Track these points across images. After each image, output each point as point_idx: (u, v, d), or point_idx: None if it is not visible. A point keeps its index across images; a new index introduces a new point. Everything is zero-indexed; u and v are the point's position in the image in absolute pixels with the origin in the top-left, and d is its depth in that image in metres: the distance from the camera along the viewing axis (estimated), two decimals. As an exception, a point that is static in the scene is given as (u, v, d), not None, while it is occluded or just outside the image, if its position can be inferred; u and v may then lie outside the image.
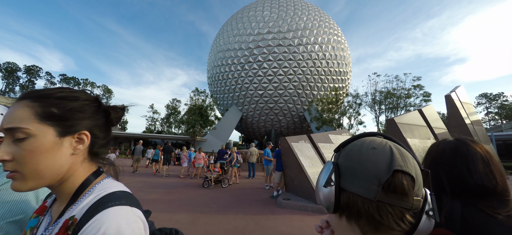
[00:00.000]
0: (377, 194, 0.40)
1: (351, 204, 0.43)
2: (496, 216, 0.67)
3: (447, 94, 13.58)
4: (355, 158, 0.45)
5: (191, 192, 7.94)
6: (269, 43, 32.71)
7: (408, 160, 0.44)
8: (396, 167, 0.41)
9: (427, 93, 24.17)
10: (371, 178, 0.42)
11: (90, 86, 56.68)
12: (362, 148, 0.46)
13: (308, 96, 33.36)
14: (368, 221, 0.42)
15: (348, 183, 0.44)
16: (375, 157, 0.43)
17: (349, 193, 0.44)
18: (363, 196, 0.42)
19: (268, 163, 8.94)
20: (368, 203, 0.41)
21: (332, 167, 0.47)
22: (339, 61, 34.06)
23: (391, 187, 0.41)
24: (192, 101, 32.61)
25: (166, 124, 58.05)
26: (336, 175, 0.46)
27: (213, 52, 39.51)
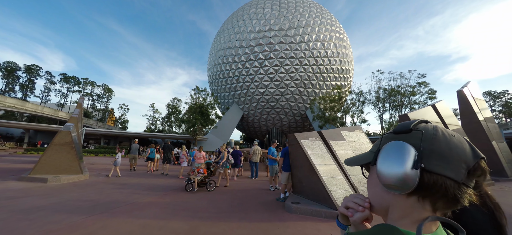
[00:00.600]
0: (464, 177, 0.46)
1: (438, 185, 0.46)
2: None
3: (459, 90, 12.85)
4: (444, 143, 0.48)
5: (188, 194, 7.24)
6: (271, 41, 31.98)
7: None
8: (481, 155, 0.48)
9: (433, 90, 23.39)
10: (461, 162, 0.46)
11: (90, 86, 56.10)
12: (445, 134, 0.49)
13: (310, 95, 32.64)
14: (448, 200, 0.47)
15: (438, 166, 0.46)
16: (460, 144, 0.48)
17: (437, 175, 0.46)
18: (452, 178, 0.46)
19: (273, 163, 8.25)
20: (454, 184, 0.46)
21: (411, 148, 0.49)
22: (341, 59, 33.30)
23: (476, 172, 0.47)
24: (193, 100, 31.92)
25: (166, 123, 57.38)
26: (419, 157, 0.47)
27: (214, 50, 38.78)
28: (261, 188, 8.59)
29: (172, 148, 13.68)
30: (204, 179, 7.81)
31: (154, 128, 63.36)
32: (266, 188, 8.43)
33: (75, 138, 9.91)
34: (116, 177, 10.29)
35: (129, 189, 7.63)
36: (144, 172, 12.52)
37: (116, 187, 7.84)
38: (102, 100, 58.90)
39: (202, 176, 7.77)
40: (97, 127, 43.39)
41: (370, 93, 25.95)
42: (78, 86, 53.74)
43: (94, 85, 56.40)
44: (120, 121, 65.02)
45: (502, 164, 11.51)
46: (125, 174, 11.39)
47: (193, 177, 7.57)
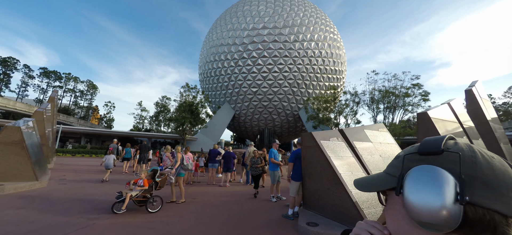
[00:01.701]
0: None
1: (485, 222, 0.36)
2: None
3: (468, 89, 11.86)
4: (487, 168, 0.38)
5: (169, 210, 5.57)
6: (264, 39, 30.55)
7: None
8: None
9: (426, 92, 22.86)
10: (510, 191, 0.37)
11: (73, 81, 52.10)
12: (485, 157, 0.40)
13: (303, 95, 31.48)
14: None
15: (484, 198, 0.37)
16: (505, 169, 0.39)
17: (484, 209, 0.36)
18: (502, 212, 0.36)
19: (274, 168, 6.73)
20: (504, 219, 0.36)
21: (450, 176, 0.38)
22: (335, 60, 32.46)
23: None
24: (182, 97, 29.84)
25: (155, 122, 54.48)
26: (462, 187, 0.37)
27: (205, 48, 36.82)
28: (259, 198, 7.05)
29: (149, 148, 12.09)
30: (146, 194, 5.16)
31: (142, 126, 60.12)
32: (266, 199, 6.90)
33: (31, 136, 7.89)
34: (101, 182, 8.86)
35: (92, 200, 5.82)
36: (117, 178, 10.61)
37: (77, 199, 6.00)
38: (85, 97, 54.94)
39: (141, 191, 5.10)
40: (78, 125, 40.00)
41: (364, 94, 25.14)
42: (60, 82, 49.65)
43: (77, 81, 52.40)
44: (105, 119, 61.22)
45: None
46: (98, 179, 9.45)
47: (125, 192, 5.00)
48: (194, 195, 7.18)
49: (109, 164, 9.71)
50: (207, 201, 6.35)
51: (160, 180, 5.44)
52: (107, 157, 9.85)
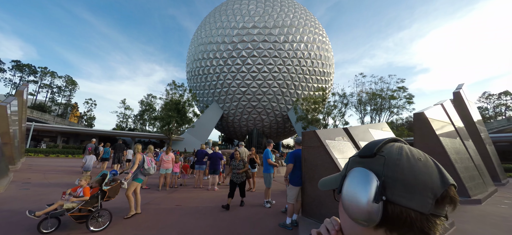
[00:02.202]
0: (431, 207, 0.39)
1: (403, 218, 0.40)
2: None
3: (456, 91, 12.02)
4: (408, 170, 0.42)
5: (145, 217, 4.75)
6: (254, 38, 30.00)
7: None
8: (451, 181, 0.41)
9: (411, 95, 23.43)
10: (428, 192, 0.40)
11: (49, 76, 48.28)
12: (410, 159, 0.43)
13: (292, 96, 31.27)
14: (415, 233, 0.40)
15: (401, 197, 0.40)
16: (426, 170, 0.42)
17: (401, 207, 0.40)
18: (418, 210, 0.39)
19: (270, 170, 6.11)
20: (421, 216, 0.39)
21: (374, 177, 0.42)
22: (324, 62, 32.61)
23: (445, 200, 0.41)
24: (169, 96, 28.47)
25: (139, 121, 52.00)
26: (383, 188, 0.41)
27: (193, 45, 35.58)
28: (251, 203, 6.39)
29: (124, 147, 11.25)
30: (88, 207, 3.83)
31: (125, 125, 57.20)
32: (258, 203, 6.25)
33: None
34: None
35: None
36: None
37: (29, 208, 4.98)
38: (63, 94, 51.10)
39: (79, 203, 3.77)
40: (55, 123, 36.99)
41: (352, 96, 25.33)
42: (34, 76, 45.70)
43: (54, 75, 48.57)
44: (85, 117, 57.59)
45: (496, 169, 10.88)
46: (69, 183, 8.30)
47: (60, 206, 3.73)
48: (178, 200, 6.38)
49: (89, 166, 8.65)
50: (193, 208, 5.58)
51: (109, 189, 4.06)
52: (87, 158, 8.76)
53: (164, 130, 27.24)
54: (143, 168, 4.99)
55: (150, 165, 5.06)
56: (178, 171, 8.47)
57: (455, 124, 8.96)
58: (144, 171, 5.02)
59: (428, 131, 7.33)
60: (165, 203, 6.07)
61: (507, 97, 42.64)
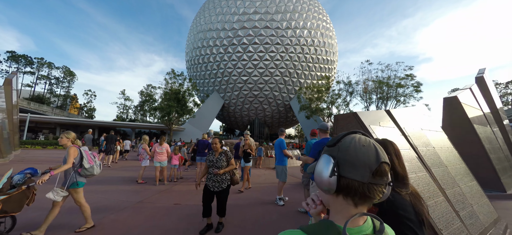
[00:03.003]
0: (369, 178, 0.55)
1: (350, 187, 0.56)
2: (400, 193, 0.99)
3: (479, 76, 10.88)
4: (352, 153, 0.57)
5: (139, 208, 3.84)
6: (256, 25, 28.48)
7: (385, 153, 0.59)
8: (382, 160, 0.56)
9: (418, 83, 22.26)
10: (366, 167, 0.55)
11: (46, 67, 46.75)
12: (356, 146, 0.58)
13: (294, 85, 30.10)
14: (360, 196, 0.56)
15: (348, 172, 0.56)
16: (366, 152, 0.57)
17: (348, 179, 0.56)
18: (359, 180, 0.55)
19: (283, 162, 5.18)
20: (362, 185, 0.55)
21: (332, 160, 0.59)
22: (327, 49, 31.20)
23: (378, 173, 0.56)
24: (168, 85, 27.31)
25: (140, 112, 50.94)
26: (336, 166, 0.57)
27: (192, 33, 34.01)
28: (261, 199, 5.50)
29: (115, 138, 10.69)
30: None
31: (126, 117, 56.24)
32: (269, 201, 5.37)
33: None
34: None
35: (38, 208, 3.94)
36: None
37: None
38: (62, 85, 49.71)
39: None
40: (53, 114, 35.96)
41: (357, 84, 24.17)
42: (31, 67, 44.20)
43: (51, 66, 47.00)
44: (85, 108, 56.50)
45: (519, 158, 10.00)
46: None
47: None
48: (177, 197, 5.49)
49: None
50: (193, 207, 4.69)
51: (4, 198, 2.62)
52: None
53: (164, 120, 26.30)
54: (82, 168, 3.23)
55: (92, 162, 3.33)
56: (177, 163, 7.55)
57: (484, 111, 8.00)
58: (84, 172, 3.25)
59: (460, 117, 6.36)
60: (162, 200, 5.16)
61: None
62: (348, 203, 0.58)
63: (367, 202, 0.58)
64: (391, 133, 2.92)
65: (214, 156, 3.53)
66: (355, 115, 2.74)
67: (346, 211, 0.58)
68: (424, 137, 3.50)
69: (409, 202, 0.99)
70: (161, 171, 6.84)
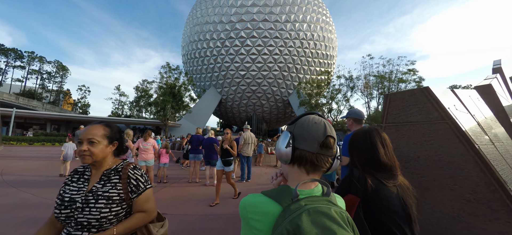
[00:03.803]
0: (317, 149, 0.65)
1: (302, 156, 0.66)
2: (387, 184, 0.95)
3: (496, 67, 10.11)
4: (305, 129, 0.67)
5: None
6: (254, 18, 27.24)
7: (333, 130, 0.69)
8: (328, 134, 0.66)
9: (421, 78, 21.46)
10: (314, 140, 0.65)
11: (37, 61, 44.68)
12: (309, 123, 0.68)
13: (293, 80, 29.07)
14: (311, 165, 0.66)
15: (300, 144, 0.66)
16: (316, 128, 0.66)
17: (301, 150, 0.66)
18: (309, 151, 0.65)
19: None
20: (311, 154, 0.65)
21: (289, 135, 0.69)
22: (327, 44, 30.18)
23: (324, 145, 0.65)
24: (163, 79, 26.02)
25: (135, 107, 49.36)
26: (292, 140, 0.68)
27: (188, 26, 32.58)
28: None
29: None
30: None
31: (121, 112, 54.59)
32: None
33: None
34: (59, 176, 6.87)
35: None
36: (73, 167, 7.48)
37: None
38: (54, 80, 47.69)
39: None
40: (44, 110, 34.28)
41: (359, 79, 23.26)
42: (21, 61, 42.14)
43: (43, 60, 44.93)
44: (79, 104, 54.62)
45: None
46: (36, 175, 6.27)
47: None
48: (166, 203, 4.47)
49: (69, 155, 7.19)
50: (183, 218, 3.68)
51: None
52: (66, 146, 7.25)
53: (159, 116, 25.07)
54: None
55: None
56: (167, 161, 6.49)
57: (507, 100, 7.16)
58: None
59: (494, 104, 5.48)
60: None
61: None
62: (301, 171, 0.67)
63: (316, 170, 0.66)
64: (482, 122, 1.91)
65: None
66: (425, 91, 1.74)
67: (300, 178, 0.67)
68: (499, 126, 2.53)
69: (396, 194, 0.95)
70: (147, 171, 5.78)
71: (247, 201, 0.63)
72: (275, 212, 0.59)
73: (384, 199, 0.92)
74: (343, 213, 0.57)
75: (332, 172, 0.79)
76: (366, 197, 0.92)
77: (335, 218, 0.53)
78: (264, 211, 0.60)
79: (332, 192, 0.67)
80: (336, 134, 0.70)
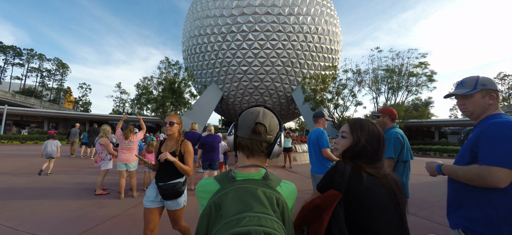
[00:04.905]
0: (249, 134, 0.74)
1: (240, 143, 0.76)
2: (377, 174, 0.90)
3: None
4: (243, 119, 0.77)
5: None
6: (256, 11, 25.75)
7: (266, 118, 0.75)
8: (257, 121, 0.73)
9: (432, 72, 19.97)
10: (247, 128, 0.74)
11: (37, 59, 43.46)
12: (247, 113, 0.78)
13: (297, 75, 27.64)
14: (247, 149, 0.75)
15: (239, 132, 0.76)
16: (251, 117, 0.75)
17: (239, 137, 0.76)
18: (244, 136, 0.75)
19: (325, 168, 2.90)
20: (245, 140, 0.75)
21: (233, 126, 0.79)
22: (331, 38, 28.68)
23: (254, 130, 0.73)
24: (163, 75, 24.71)
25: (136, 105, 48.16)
26: (235, 129, 0.78)
27: (189, 20, 31.15)
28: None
29: (97, 131, 9.08)
30: None
31: (122, 110, 53.44)
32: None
33: None
34: (45, 174, 6.30)
35: None
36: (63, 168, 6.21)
37: None
38: (54, 78, 46.50)
39: None
40: (42, 108, 33.11)
41: (367, 73, 21.83)
42: (20, 59, 40.94)
43: (42, 58, 43.68)
44: (80, 102, 53.52)
45: None
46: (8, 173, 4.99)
47: None
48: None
49: (50, 152, 6.51)
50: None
51: None
52: (46, 143, 6.58)
53: (158, 112, 23.80)
54: None
55: None
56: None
57: None
58: None
59: None
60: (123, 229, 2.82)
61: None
62: (243, 156, 0.76)
63: (253, 154, 0.74)
64: None
65: None
66: None
67: (243, 162, 0.75)
68: None
69: (385, 191, 0.86)
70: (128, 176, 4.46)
71: (199, 183, 0.73)
72: (215, 190, 0.66)
73: (369, 196, 0.83)
74: (273, 194, 0.60)
75: (274, 156, 0.77)
76: (350, 193, 0.85)
77: (259, 197, 0.56)
78: (208, 189, 0.69)
79: (276, 178, 0.71)
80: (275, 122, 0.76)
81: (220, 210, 0.56)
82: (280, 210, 0.58)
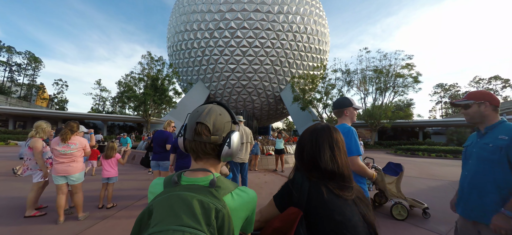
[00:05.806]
0: (193, 136, 0.65)
1: (187, 145, 0.68)
2: (341, 195, 0.77)
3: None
4: (189, 118, 0.70)
5: None
6: (245, 7, 24.74)
7: (210, 116, 0.66)
8: (197, 121, 0.65)
9: (418, 73, 20.20)
10: (191, 128, 0.66)
11: (5, 52, 39.18)
12: (193, 112, 0.70)
13: (285, 75, 27.00)
14: (193, 152, 0.68)
15: (187, 133, 0.68)
16: (194, 115, 0.68)
17: (187, 139, 0.68)
18: (188, 138, 0.67)
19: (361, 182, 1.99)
20: (190, 142, 0.67)
21: (182, 125, 0.72)
22: (320, 38, 28.38)
23: (196, 131, 0.65)
24: (145, 71, 22.93)
25: (118, 103, 45.12)
26: (184, 130, 0.70)
27: (175, 15, 29.41)
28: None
29: None
30: None
31: (102, 109, 49.95)
32: None
33: None
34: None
35: None
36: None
37: None
38: (25, 72, 42.22)
39: None
40: (8, 104, 29.65)
41: (355, 73, 21.65)
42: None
43: (11, 51, 39.45)
44: (56, 100, 49.29)
45: None
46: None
47: None
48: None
49: (22, 153, 5.55)
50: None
51: None
52: (22, 143, 6.15)
53: (139, 111, 22.00)
54: None
55: None
56: (113, 174, 4.02)
57: None
58: None
59: None
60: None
61: (497, 81, 41.74)
62: (192, 159, 0.69)
63: (200, 157, 0.66)
64: None
65: None
66: None
67: (193, 165, 0.68)
68: None
69: (356, 209, 0.77)
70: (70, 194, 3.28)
71: (151, 183, 0.69)
72: (158, 192, 0.61)
73: (336, 213, 0.73)
74: (212, 206, 0.53)
75: (227, 159, 0.68)
76: (311, 209, 0.75)
77: (192, 208, 0.51)
78: (154, 191, 0.65)
79: (228, 186, 0.63)
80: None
81: (150, 217, 0.51)
82: (218, 224, 0.52)
